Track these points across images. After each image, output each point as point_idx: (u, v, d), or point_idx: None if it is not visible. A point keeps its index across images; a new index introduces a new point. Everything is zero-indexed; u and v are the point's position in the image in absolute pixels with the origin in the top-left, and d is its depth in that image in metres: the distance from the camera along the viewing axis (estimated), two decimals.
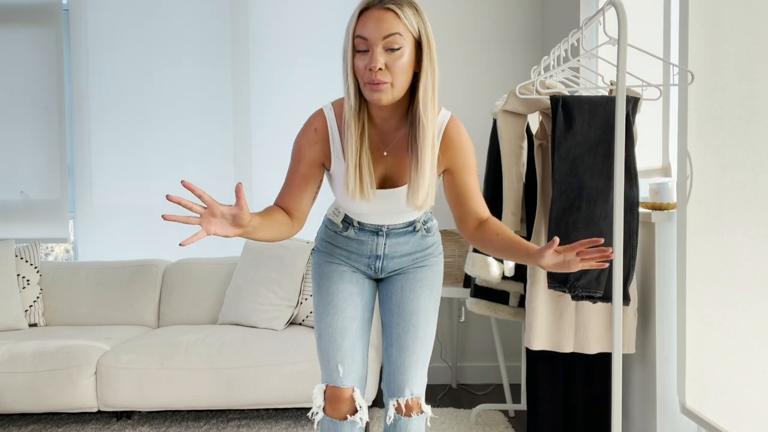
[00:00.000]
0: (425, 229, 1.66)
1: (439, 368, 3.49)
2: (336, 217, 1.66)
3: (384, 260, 1.64)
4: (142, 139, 3.54)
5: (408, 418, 1.58)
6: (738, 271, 1.66)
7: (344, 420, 1.59)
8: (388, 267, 1.65)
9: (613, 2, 1.80)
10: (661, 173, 2.21)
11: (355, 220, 1.63)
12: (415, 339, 1.59)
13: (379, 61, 1.32)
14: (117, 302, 3.22)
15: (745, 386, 1.64)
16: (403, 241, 1.64)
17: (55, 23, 3.51)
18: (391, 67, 1.33)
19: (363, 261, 1.65)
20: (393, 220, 1.61)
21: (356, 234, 1.63)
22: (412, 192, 1.45)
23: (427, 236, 1.67)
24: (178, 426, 2.80)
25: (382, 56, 1.32)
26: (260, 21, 3.53)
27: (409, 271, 1.65)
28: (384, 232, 1.62)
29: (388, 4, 1.33)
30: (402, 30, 1.33)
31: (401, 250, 1.64)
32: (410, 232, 1.64)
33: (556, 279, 2.07)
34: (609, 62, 2.06)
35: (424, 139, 1.41)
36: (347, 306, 1.61)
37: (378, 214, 1.58)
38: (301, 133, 1.53)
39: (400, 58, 1.33)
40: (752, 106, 1.60)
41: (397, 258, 1.65)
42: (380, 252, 1.64)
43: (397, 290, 1.64)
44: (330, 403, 1.60)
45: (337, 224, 1.65)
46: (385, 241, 1.63)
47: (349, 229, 1.64)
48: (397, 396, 1.58)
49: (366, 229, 1.63)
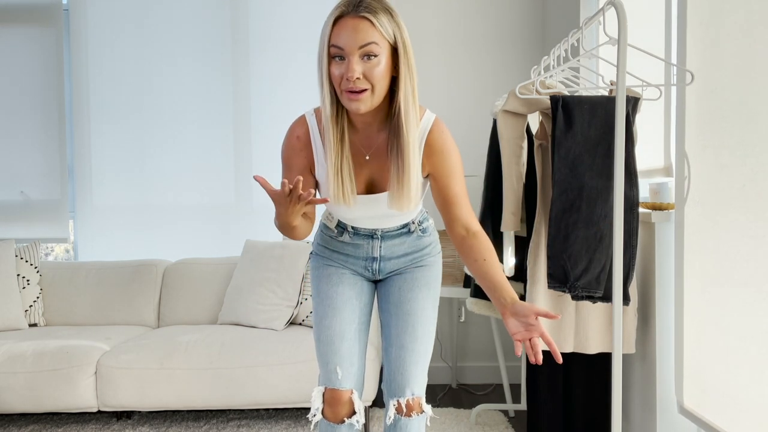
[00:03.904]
0: (420, 230, 1.66)
1: (439, 368, 3.49)
2: (330, 222, 1.66)
3: (381, 262, 1.65)
4: (142, 139, 3.54)
5: (408, 418, 1.57)
6: (736, 272, 1.66)
7: (342, 423, 1.59)
8: (386, 268, 1.66)
9: (613, 2, 1.80)
10: (662, 173, 2.21)
11: (348, 225, 1.63)
12: (414, 339, 1.58)
13: (356, 70, 1.31)
14: (117, 302, 3.22)
15: (743, 386, 1.64)
16: (398, 242, 1.64)
17: (55, 23, 3.51)
18: (369, 74, 1.33)
19: (360, 264, 1.65)
20: (384, 224, 1.61)
21: (351, 238, 1.64)
22: (395, 197, 1.45)
23: (423, 236, 1.66)
24: (178, 426, 2.80)
25: (359, 65, 1.32)
26: (260, 21, 3.53)
27: (407, 271, 1.65)
28: (379, 236, 1.63)
29: (362, 12, 1.32)
30: (378, 38, 1.33)
31: (397, 251, 1.64)
32: (405, 233, 1.64)
33: (556, 279, 2.07)
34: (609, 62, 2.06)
35: (407, 144, 1.41)
36: (345, 309, 1.61)
37: (367, 219, 1.58)
38: (286, 142, 1.54)
39: (377, 66, 1.33)
40: (751, 107, 1.60)
41: (394, 259, 1.65)
42: (376, 254, 1.64)
43: (395, 290, 1.63)
44: (329, 406, 1.60)
45: (332, 229, 1.66)
46: (381, 243, 1.63)
47: (344, 233, 1.64)
48: (398, 396, 1.58)
49: (360, 233, 1.63)
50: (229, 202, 3.54)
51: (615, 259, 1.82)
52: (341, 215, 1.59)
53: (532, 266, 2.20)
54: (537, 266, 2.18)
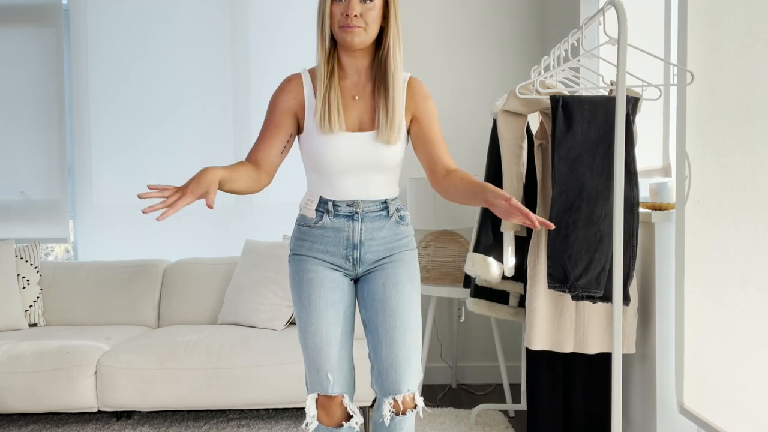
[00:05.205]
0: (399, 216, 1.71)
1: (439, 368, 3.49)
2: (309, 207, 1.68)
3: (361, 249, 1.66)
4: (142, 139, 3.54)
5: (403, 417, 1.61)
6: (737, 272, 1.66)
7: (340, 427, 1.63)
8: (366, 258, 1.67)
9: (613, 2, 1.80)
10: (662, 173, 2.21)
11: (330, 203, 1.66)
12: (404, 332, 1.60)
13: (356, 8, 1.55)
14: (117, 302, 3.22)
15: (743, 386, 1.64)
16: (378, 226, 1.67)
17: (55, 23, 3.51)
18: (365, 15, 1.57)
19: (341, 253, 1.66)
20: (366, 191, 1.66)
21: (332, 221, 1.66)
22: (383, 128, 1.61)
23: (401, 224, 1.72)
24: (178, 426, 2.80)
25: (358, 6, 1.56)
26: (260, 20, 3.53)
27: (387, 267, 1.67)
28: (359, 216, 1.66)
29: None
30: None
31: (377, 237, 1.67)
32: (384, 216, 1.69)
33: (556, 279, 2.07)
34: (609, 62, 2.06)
35: (392, 82, 1.62)
36: (330, 314, 1.62)
37: (351, 170, 1.63)
38: (277, 89, 1.71)
39: (372, 9, 1.57)
40: (751, 107, 1.60)
41: (375, 247, 1.67)
42: (357, 239, 1.66)
43: (379, 287, 1.65)
44: (323, 411, 1.63)
45: (311, 217, 1.68)
46: (361, 226, 1.66)
47: (324, 216, 1.66)
48: (393, 394, 1.59)
49: (341, 214, 1.66)
50: (229, 202, 3.54)
51: (615, 259, 1.82)
52: (328, 163, 1.63)
53: (532, 266, 2.20)
54: (537, 266, 2.18)
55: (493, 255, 2.44)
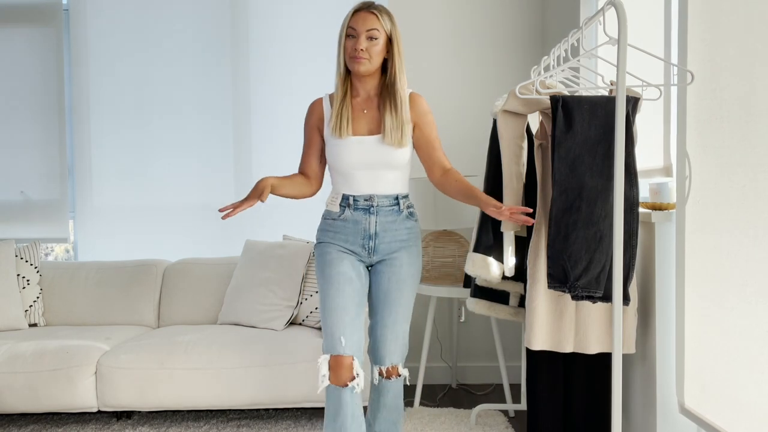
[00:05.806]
0: (408, 212, 2.08)
1: (439, 368, 3.49)
2: (334, 202, 2.06)
3: (376, 239, 2.02)
4: (142, 139, 3.54)
5: (389, 380, 2.06)
6: (737, 272, 1.66)
7: (345, 386, 1.91)
8: (380, 249, 2.03)
9: (613, 2, 1.80)
10: (662, 173, 2.21)
11: (350, 198, 2.02)
12: (395, 321, 2.03)
13: (363, 44, 1.96)
14: (117, 302, 3.22)
15: (743, 386, 1.64)
16: (390, 220, 2.04)
17: (55, 23, 3.51)
18: (369, 49, 1.97)
19: (358, 242, 2.03)
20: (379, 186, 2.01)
21: (352, 214, 2.02)
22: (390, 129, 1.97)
23: (410, 219, 2.09)
24: (178, 426, 2.80)
25: (365, 42, 1.96)
26: (260, 21, 3.53)
27: (395, 264, 2.04)
28: (375, 209, 2.02)
29: (372, 9, 1.99)
30: (379, 27, 1.98)
31: (390, 229, 2.04)
32: (396, 211, 2.05)
33: (556, 279, 2.07)
34: (609, 62, 2.05)
35: (399, 94, 2.01)
36: (347, 287, 1.97)
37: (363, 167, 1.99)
38: (306, 113, 2.13)
39: (376, 45, 1.98)
40: (751, 107, 1.60)
41: (388, 239, 2.03)
42: (372, 230, 2.02)
43: (385, 281, 2.04)
44: (333, 371, 1.92)
45: (335, 211, 2.05)
46: (376, 219, 2.02)
47: (346, 210, 2.03)
48: (380, 364, 2.06)
49: (359, 208, 2.02)
50: (229, 202, 3.54)
51: (615, 259, 1.81)
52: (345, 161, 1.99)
53: (532, 266, 2.20)
54: (537, 266, 2.18)
55: (493, 255, 2.44)
